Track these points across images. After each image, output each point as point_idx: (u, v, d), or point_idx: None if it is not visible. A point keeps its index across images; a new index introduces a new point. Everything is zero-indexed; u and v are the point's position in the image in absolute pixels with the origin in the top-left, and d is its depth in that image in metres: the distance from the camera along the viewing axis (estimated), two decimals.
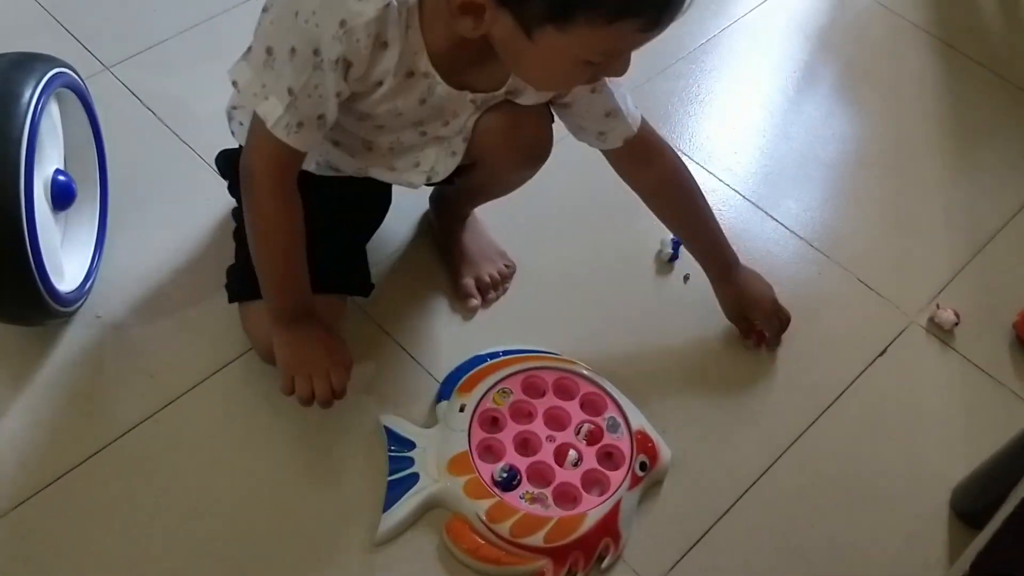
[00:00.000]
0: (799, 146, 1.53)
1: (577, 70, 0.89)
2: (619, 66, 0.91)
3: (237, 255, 1.18)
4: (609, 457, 1.09)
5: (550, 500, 1.05)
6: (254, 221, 1.02)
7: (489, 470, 1.06)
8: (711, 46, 1.67)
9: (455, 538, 1.03)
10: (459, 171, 1.12)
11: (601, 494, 1.06)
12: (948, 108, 1.62)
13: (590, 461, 1.08)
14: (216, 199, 1.33)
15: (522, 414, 1.12)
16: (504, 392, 1.12)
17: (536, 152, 1.12)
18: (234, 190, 1.19)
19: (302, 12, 0.87)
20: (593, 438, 1.10)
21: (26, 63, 1.07)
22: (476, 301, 1.25)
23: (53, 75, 1.10)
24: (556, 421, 1.12)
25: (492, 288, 1.27)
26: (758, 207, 1.42)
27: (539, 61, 0.88)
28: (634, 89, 1.23)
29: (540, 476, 1.07)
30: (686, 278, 1.32)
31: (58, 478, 1.07)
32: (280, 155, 0.96)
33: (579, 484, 1.06)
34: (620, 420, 1.12)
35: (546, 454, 1.08)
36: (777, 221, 1.41)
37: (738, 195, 1.44)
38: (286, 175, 0.98)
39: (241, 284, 1.14)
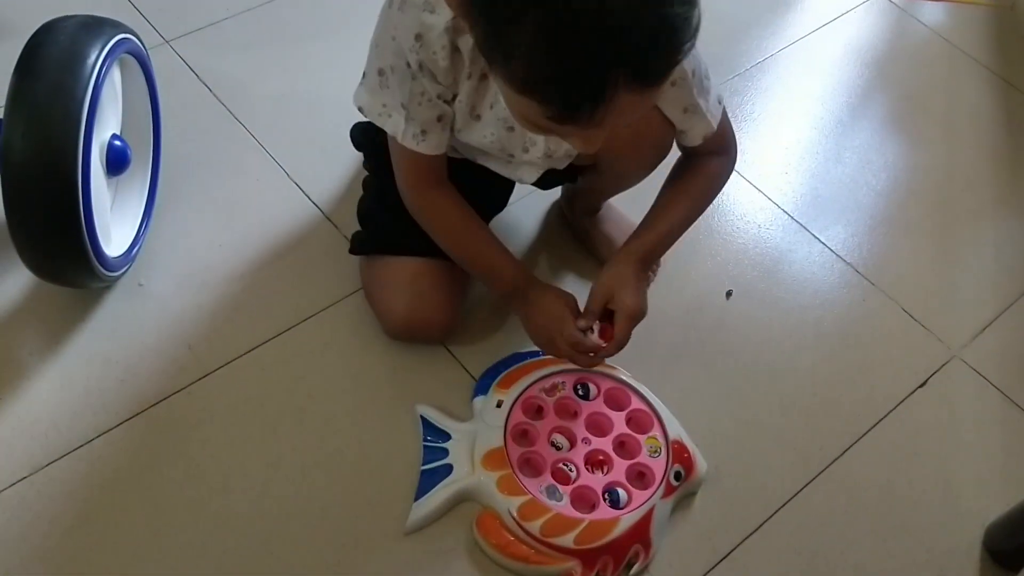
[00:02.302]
0: (851, 171, 1.52)
1: (526, 123, 0.82)
2: (576, 142, 0.83)
3: (364, 211, 1.20)
4: (641, 477, 1.08)
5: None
6: (434, 229, 1.07)
7: (518, 451, 1.06)
8: (767, 65, 1.66)
9: (485, 533, 1.02)
10: (581, 170, 1.14)
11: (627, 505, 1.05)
12: (1003, 144, 1.60)
13: (618, 474, 1.07)
14: (266, 179, 1.34)
15: (567, 412, 1.12)
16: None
17: (660, 154, 1.11)
18: (368, 163, 1.24)
19: (390, 31, 0.94)
20: (629, 453, 1.09)
21: (94, 26, 1.08)
22: None
23: (119, 40, 1.10)
24: (597, 427, 1.11)
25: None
26: (806, 229, 1.41)
27: (504, 97, 0.84)
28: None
29: (562, 475, 1.06)
30: (728, 294, 1.31)
31: (88, 441, 1.07)
32: (420, 164, 1.02)
33: (600, 491, 1.05)
34: (662, 442, 1.10)
35: (577, 455, 1.08)
36: (824, 244, 1.40)
37: (786, 215, 1.43)
38: (432, 179, 1.05)
39: (366, 237, 1.18)
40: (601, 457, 1.08)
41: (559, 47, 0.70)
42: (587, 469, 1.07)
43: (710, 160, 1.10)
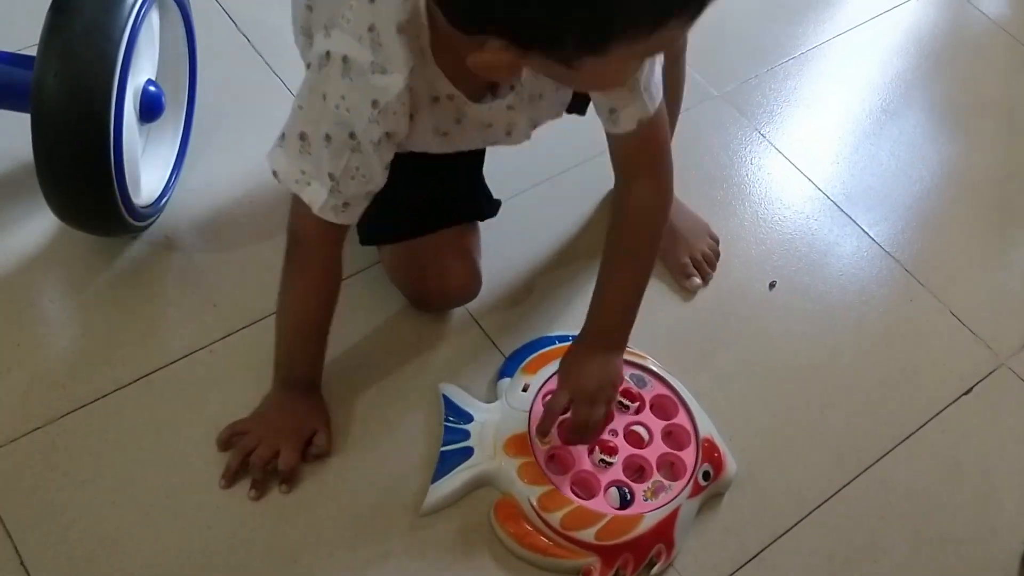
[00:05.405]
0: (903, 165, 1.46)
1: (627, 70, 0.82)
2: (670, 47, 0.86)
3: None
4: (671, 467, 1.04)
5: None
6: (294, 281, 0.99)
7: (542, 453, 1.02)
8: (823, 51, 1.60)
9: (503, 521, 0.99)
10: None
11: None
12: None
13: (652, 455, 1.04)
14: None
15: None
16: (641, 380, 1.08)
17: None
18: None
19: (330, 97, 0.83)
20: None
21: None
22: (698, 281, 1.24)
23: None
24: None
25: (708, 266, 1.25)
26: (854, 221, 1.36)
27: (586, 80, 0.83)
28: (741, 84, 1.17)
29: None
30: (772, 285, 1.26)
31: (106, 394, 1.04)
32: (330, 230, 0.93)
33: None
34: (689, 430, 1.06)
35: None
36: (872, 239, 1.35)
37: (835, 206, 1.38)
38: (336, 245, 0.96)
39: (375, 227, 1.09)
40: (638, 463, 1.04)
41: None
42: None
43: (637, 192, 0.98)
